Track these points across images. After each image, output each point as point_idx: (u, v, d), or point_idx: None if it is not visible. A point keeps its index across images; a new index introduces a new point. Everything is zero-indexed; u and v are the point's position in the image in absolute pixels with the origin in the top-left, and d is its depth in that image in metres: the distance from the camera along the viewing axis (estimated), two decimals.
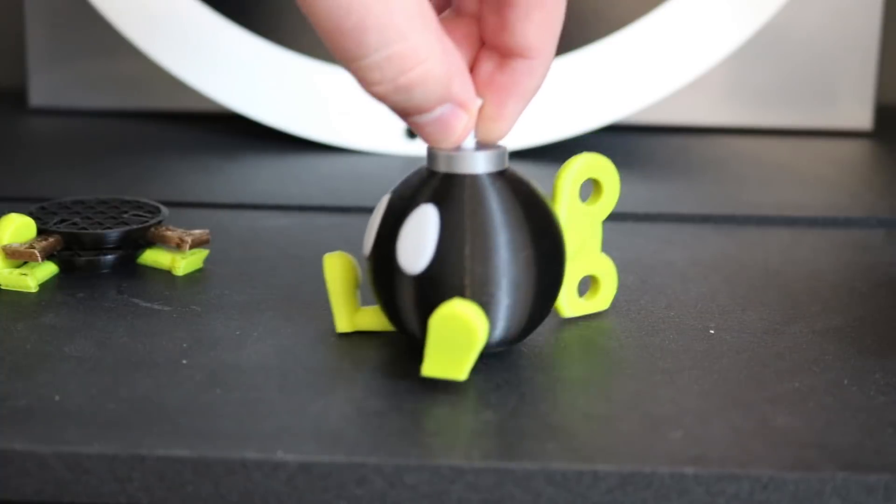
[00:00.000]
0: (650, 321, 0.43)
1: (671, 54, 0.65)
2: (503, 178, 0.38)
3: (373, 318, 0.40)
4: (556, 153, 0.64)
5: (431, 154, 0.38)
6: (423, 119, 0.36)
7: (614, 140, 0.67)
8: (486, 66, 0.38)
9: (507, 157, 0.38)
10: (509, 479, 0.33)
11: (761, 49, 0.68)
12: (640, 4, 0.66)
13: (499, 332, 0.38)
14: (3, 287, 0.44)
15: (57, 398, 0.36)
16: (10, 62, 0.77)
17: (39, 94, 0.73)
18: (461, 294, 0.36)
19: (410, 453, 0.33)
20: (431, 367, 0.36)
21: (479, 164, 0.37)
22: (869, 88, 0.69)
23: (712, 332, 0.42)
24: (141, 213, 0.48)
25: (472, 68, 0.39)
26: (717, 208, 0.57)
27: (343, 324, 0.40)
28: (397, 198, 0.38)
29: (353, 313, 0.40)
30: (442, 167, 0.37)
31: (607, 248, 0.43)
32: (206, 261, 0.47)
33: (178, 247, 0.46)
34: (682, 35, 0.65)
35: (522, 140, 0.64)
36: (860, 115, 0.70)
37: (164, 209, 0.48)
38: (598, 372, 0.39)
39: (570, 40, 0.65)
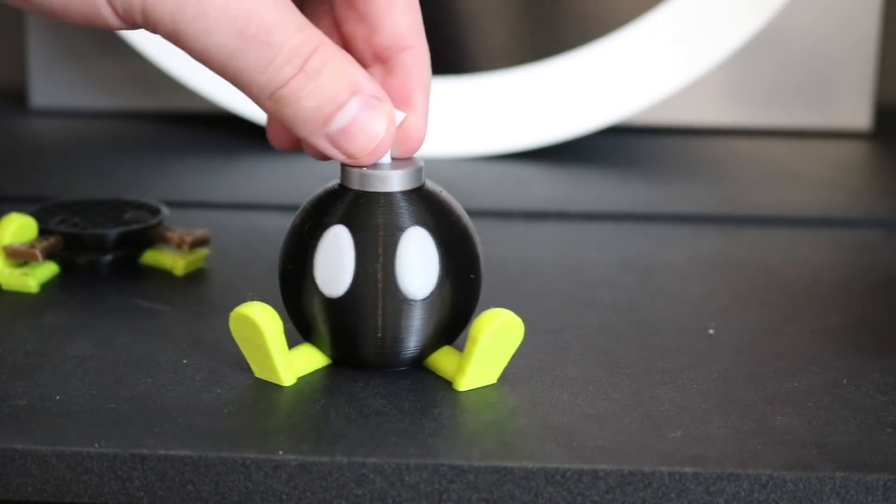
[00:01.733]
0: (650, 321, 0.43)
1: (671, 54, 0.65)
2: (418, 195, 0.37)
3: (309, 359, 0.38)
4: (556, 154, 0.65)
5: (344, 171, 0.37)
6: (344, 119, 0.35)
7: (614, 141, 0.67)
8: (375, 78, 0.38)
9: (423, 172, 0.38)
10: (509, 479, 0.33)
11: (761, 49, 0.68)
12: (640, 4, 0.66)
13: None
14: (3, 287, 0.44)
15: (58, 398, 0.36)
16: (11, 62, 0.77)
17: (40, 94, 0.73)
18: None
19: (410, 453, 0.33)
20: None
21: (394, 182, 0.37)
22: (868, 89, 0.69)
23: (712, 332, 0.42)
24: (141, 213, 0.48)
25: None
26: (717, 208, 0.57)
27: (290, 376, 0.37)
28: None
29: (293, 362, 0.38)
30: (355, 185, 0.37)
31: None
32: (207, 261, 0.48)
33: (179, 247, 0.46)
34: (682, 35, 0.65)
35: (523, 142, 0.64)
36: (859, 116, 0.70)
37: (165, 209, 0.48)
38: (598, 372, 0.39)
39: (570, 40, 0.65)
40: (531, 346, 0.40)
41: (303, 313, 0.38)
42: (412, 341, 0.37)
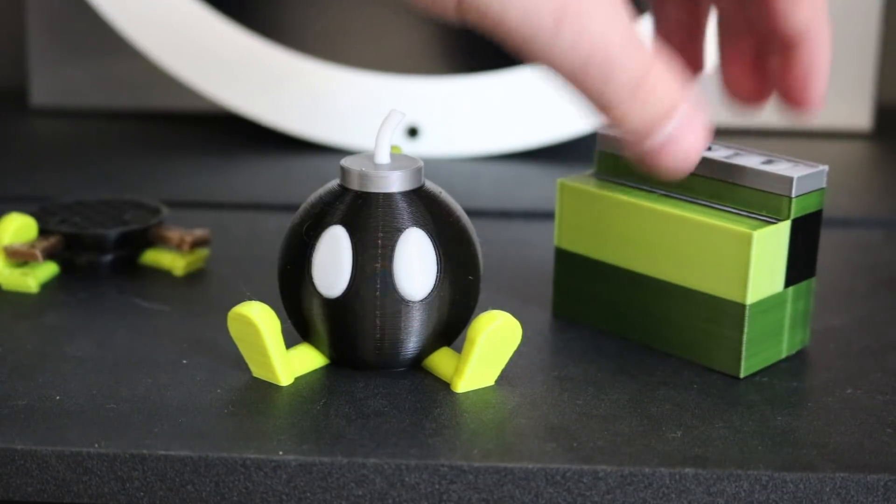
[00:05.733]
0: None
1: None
2: (418, 196, 0.37)
3: (307, 359, 0.39)
4: (556, 154, 0.65)
5: (344, 171, 0.38)
6: (660, 137, 0.36)
7: None
8: (773, 61, 0.39)
9: (422, 173, 0.38)
10: (509, 479, 0.33)
11: None
12: (640, 4, 0.65)
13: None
14: (3, 287, 0.44)
15: (58, 398, 0.36)
16: (11, 62, 0.77)
17: (40, 93, 0.73)
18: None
19: (410, 453, 0.33)
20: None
21: (393, 183, 0.37)
22: (868, 89, 0.69)
23: None
24: (141, 213, 0.48)
25: (757, 63, 0.40)
26: None
27: (287, 376, 0.38)
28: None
29: (291, 361, 0.38)
30: (354, 185, 0.37)
31: None
32: (207, 261, 0.48)
33: (179, 247, 0.46)
34: None
35: (523, 142, 0.64)
36: (859, 116, 0.70)
37: (165, 209, 0.48)
38: (598, 372, 0.39)
39: None
40: (531, 346, 0.40)
41: (301, 314, 0.38)
42: (411, 342, 0.37)
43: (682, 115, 0.37)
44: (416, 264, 0.36)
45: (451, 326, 0.38)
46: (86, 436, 0.34)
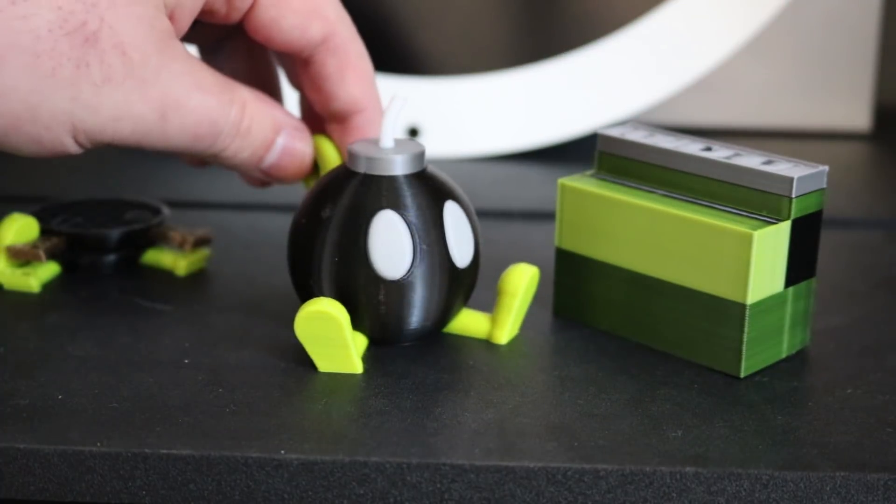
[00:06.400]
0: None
1: (671, 55, 0.65)
2: (421, 178, 0.39)
3: (359, 343, 0.39)
4: (556, 154, 0.65)
5: (352, 155, 0.39)
6: (273, 156, 0.41)
7: None
8: (333, 133, 0.44)
9: (424, 157, 0.40)
10: (510, 478, 0.33)
11: (761, 50, 0.68)
12: (640, 5, 0.66)
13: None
14: (5, 287, 0.45)
15: (60, 397, 0.36)
16: None
17: None
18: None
19: (412, 452, 0.34)
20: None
21: (398, 167, 0.39)
22: (867, 89, 0.69)
23: None
24: (143, 213, 0.48)
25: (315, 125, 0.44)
26: None
27: (359, 363, 0.39)
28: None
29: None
30: (362, 168, 0.39)
31: None
32: (208, 261, 0.48)
33: (181, 246, 0.46)
34: (681, 36, 0.65)
35: (523, 142, 0.64)
36: (858, 116, 0.70)
37: (166, 209, 0.48)
38: (598, 372, 0.39)
39: (570, 40, 0.65)
40: (532, 346, 0.40)
41: (351, 299, 0.38)
42: (454, 308, 0.40)
43: (287, 130, 0.41)
44: (461, 234, 0.39)
45: (474, 286, 0.41)
46: (88, 435, 0.34)
